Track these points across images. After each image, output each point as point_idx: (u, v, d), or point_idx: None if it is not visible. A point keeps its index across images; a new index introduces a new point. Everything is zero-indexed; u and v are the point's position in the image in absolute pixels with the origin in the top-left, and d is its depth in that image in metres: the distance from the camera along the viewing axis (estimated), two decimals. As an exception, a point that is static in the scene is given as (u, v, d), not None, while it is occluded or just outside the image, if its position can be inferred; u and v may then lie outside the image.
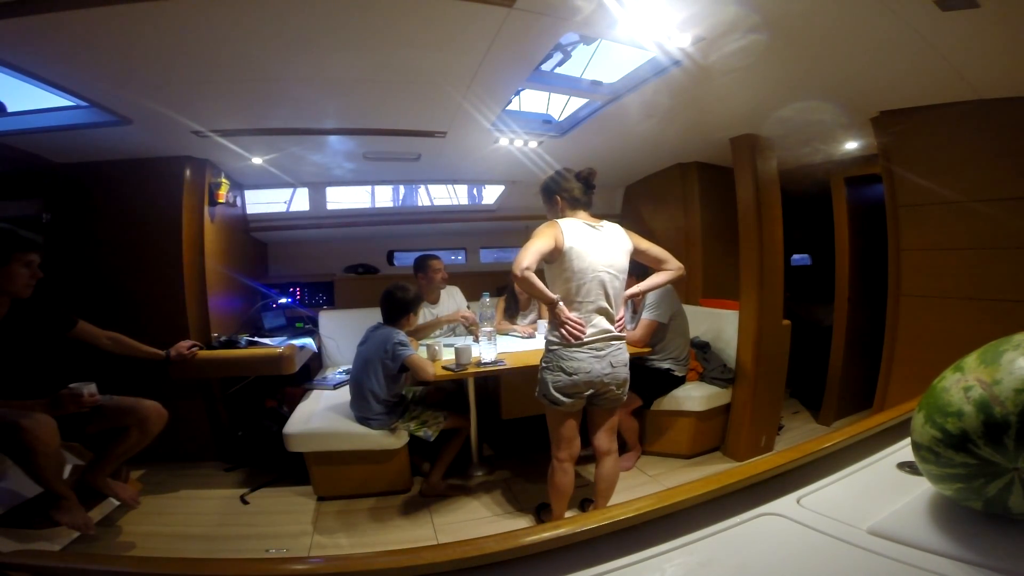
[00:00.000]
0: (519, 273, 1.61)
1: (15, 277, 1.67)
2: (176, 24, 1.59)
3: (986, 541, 0.53)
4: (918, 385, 0.62)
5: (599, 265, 1.74)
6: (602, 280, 1.74)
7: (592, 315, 1.74)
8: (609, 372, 1.75)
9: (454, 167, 3.38)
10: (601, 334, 1.75)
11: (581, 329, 1.70)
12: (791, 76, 2.08)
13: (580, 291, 1.73)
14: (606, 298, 1.75)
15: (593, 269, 1.73)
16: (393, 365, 2.17)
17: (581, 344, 1.72)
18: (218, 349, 2.61)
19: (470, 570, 0.56)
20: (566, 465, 1.83)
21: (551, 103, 2.79)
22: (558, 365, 1.73)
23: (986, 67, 1.82)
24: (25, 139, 2.30)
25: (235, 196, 3.13)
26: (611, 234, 1.81)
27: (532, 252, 1.64)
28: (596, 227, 1.80)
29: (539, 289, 1.67)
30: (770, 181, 2.64)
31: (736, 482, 0.68)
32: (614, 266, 1.78)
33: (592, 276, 1.73)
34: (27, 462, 1.54)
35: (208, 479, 2.47)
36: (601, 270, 1.74)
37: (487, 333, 2.29)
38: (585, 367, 1.72)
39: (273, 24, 1.66)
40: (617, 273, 1.78)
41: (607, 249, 1.77)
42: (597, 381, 1.74)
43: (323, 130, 2.67)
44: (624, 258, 1.81)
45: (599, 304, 1.75)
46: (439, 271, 2.98)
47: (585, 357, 1.72)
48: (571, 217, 1.80)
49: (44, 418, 1.55)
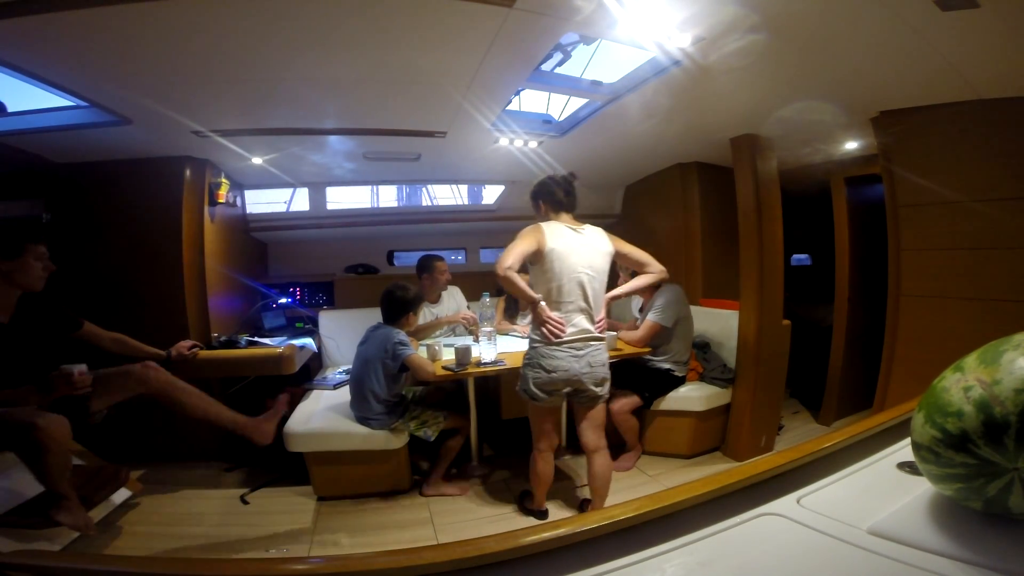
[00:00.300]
0: (501, 272, 1.70)
1: (29, 269, 1.66)
2: (176, 24, 1.59)
3: (986, 541, 0.53)
4: (918, 385, 0.62)
5: (579, 267, 1.82)
6: (581, 281, 1.82)
7: (573, 315, 1.82)
8: (587, 371, 1.83)
9: (454, 167, 3.38)
10: (581, 334, 1.82)
11: (561, 328, 1.79)
12: (791, 76, 2.08)
13: (561, 292, 1.81)
14: (585, 299, 1.83)
15: (573, 271, 1.81)
16: (393, 365, 2.17)
17: (561, 343, 1.79)
18: (218, 349, 2.61)
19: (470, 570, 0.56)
20: (546, 455, 1.95)
21: (551, 103, 2.80)
22: (538, 362, 1.82)
23: (986, 67, 1.82)
24: (25, 139, 2.30)
25: (235, 196, 3.13)
26: (592, 237, 1.89)
27: (514, 253, 1.74)
28: (578, 230, 1.87)
29: (520, 288, 1.75)
30: (770, 181, 2.64)
31: (736, 482, 0.68)
32: (593, 268, 1.85)
33: (572, 277, 1.81)
34: (37, 461, 1.54)
35: (208, 479, 2.47)
36: (581, 272, 1.82)
37: (487, 333, 2.30)
38: (564, 365, 1.80)
39: (273, 24, 1.66)
40: (596, 275, 1.86)
41: (587, 252, 1.85)
42: (575, 379, 1.82)
43: (323, 130, 2.67)
44: (603, 260, 1.88)
45: (579, 304, 1.83)
46: (443, 272, 2.98)
47: (564, 356, 1.80)
48: (554, 220, 1.88)
49: (58, 418, 1.56)
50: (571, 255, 1.81)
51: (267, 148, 2.73)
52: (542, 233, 1.81)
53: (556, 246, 1.80)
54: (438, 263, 2.98)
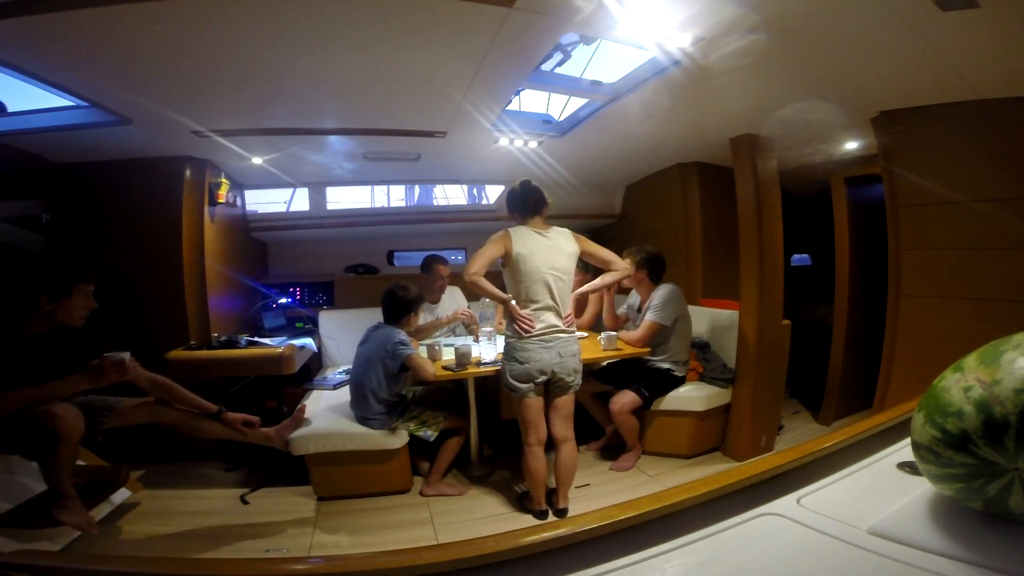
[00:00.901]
0: (468, 278, 1.90)
1: (72, 308, 1.66)
2: (177, 24, 1.59)
3: (986, 541, 0.53)
4: (918, 385, 0.62)
5: (544, 268, 1.98)
6: (547, 281, 1.98)
7: (541, 312, 1.99)
8: (558, 361, 1.99)
9: (454, 167, 3.38)
10: (549, 328, 1.99)
11: (531, 324, 1.96)
12: (791, 76, 2.08)
13: (529, 291, 1.98)
14: (552, 297, 1.99)
15: (539, 272, 1.97)
16: (393, 364, 2.17)
17: (531, 337, 1.96)
18: (218, 349, 2.61)
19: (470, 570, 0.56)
20: (535, 449, 2.05)
21: (551, 103, 2.80)
22: (513, 355, 1.99)
23: (986, 67, 1.82)
24: (25, 139, 2.30)
25: (235, 196, 3.13)
26: (557, 240, 2.03)
27: (481, 258, 1.92)
28: (543, 234, 2.02)
29: (488, 291, 1.94)
30: (770, 181, 2.64)
31: (736, 482, 0.68)
32: (558, 269, 2.00)
33: (538, 278, 1.97)
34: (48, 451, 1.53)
35: (208, 479, 2.47)
36: (546, 272, 1.98)
37: (487, 333, 2.30)
38: (535, 356, 1.96)
39: (273, 25, 1.66)
40: (561, 275, 2.01)
41: (552, 254, 2.00)
42: (548, 369, 1.98)
43: (323, 130, 2.67)
44: (568, 261, 2.04)
45: (546, 302, 1.99)
46: (443, 274, 2.99)
47: (535, 347, 1.97)
48: (521, 225, 2.04)
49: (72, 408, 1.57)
50: (536, 257, 1.97)
51: (267, 148, 2.73)
52: (509, 239, 1.97)
53: (522, 250, 1.96)
54: (438, 265, 2.98)
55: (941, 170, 2.16)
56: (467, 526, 2.11)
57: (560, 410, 2.07)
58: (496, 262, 2.00)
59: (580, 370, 2.06)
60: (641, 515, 0.62)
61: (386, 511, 2.22)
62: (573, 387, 2.06)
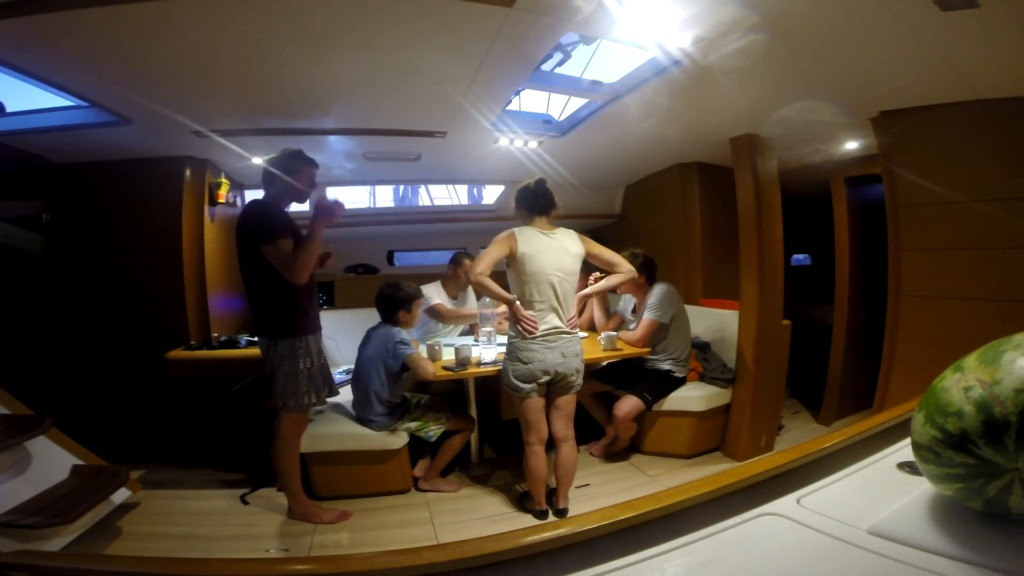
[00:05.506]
0: (473, 279, 1.88)
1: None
2: (176, 24, 1.59)
3: (986, 541, 0.53)
4: (918, 385, 0.62)
5: (549, 269, 1.95)
6: (552, 282, 1.96)
7: (545, 313, 1.97)
8: (561, 361, 1.98)
9: (454, 167, 3.38)
10: (552, 330, 1.97)
11: (534, 325, 1.94)
12: (791, 76, 2.08)
13: (534, 292, 1.96)
14: (556, 298, 1.97)
15: (544, 273, 1.95)
16: (394, 364, 2.17)
17: (535, 337, 1.95)
18: (218, 349, 2.61)
19: (470, 570, 0.56)
20: (536, 448, 2.04)
21: (551, 103, 2.80)
22: (516, 356, 1.97)
23: (986, 67, 1.82)
24: (25, 139, 2.31)
25: (235, 196, 3.13)
26: (562, 240, 2.01)
27: (485, 259, 1.89)
28: (549, 234, 2.00)
29: (493, 291, 1.91)
30: (770, 181, 2.64)
31: (736, 482, 0.68)
32: (563, 270, 1.98)
33: (543, 279, 1.95)
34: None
35: (208, 479, 2.47)
36: (551, 274, 1.96)
37: (487, 333, 2.30)
38: (539, 356, 1.95)
39: (273, 25, 1.66)
40: (566, 276, 1.99)
41: (557, 255, 1.98)
42: (551, 369, 1.97)
43: (323, 130, 2.67)
44: (573, 262, 2.01)
45: (551, 304, 1.97)
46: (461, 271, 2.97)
47: (538, 348, 1.96)
48: (527, 225, 2.01)
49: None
50: (541, 258, 1.95)
51: (267, 148, 2.72)
52: (514, 239, 1.95)
53: (527, 251, 1.93)
54: (466, 259, 2.96)
55: (941, 170, 2.16)
56: (467, 526, 2.11)
57: (561, 410, 2.06)
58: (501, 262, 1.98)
59: (582, 370, 2.06)
60: (641, 515, 0.62)
61: (386, 511, 2.22)
62: (575, 387, 2.05)
